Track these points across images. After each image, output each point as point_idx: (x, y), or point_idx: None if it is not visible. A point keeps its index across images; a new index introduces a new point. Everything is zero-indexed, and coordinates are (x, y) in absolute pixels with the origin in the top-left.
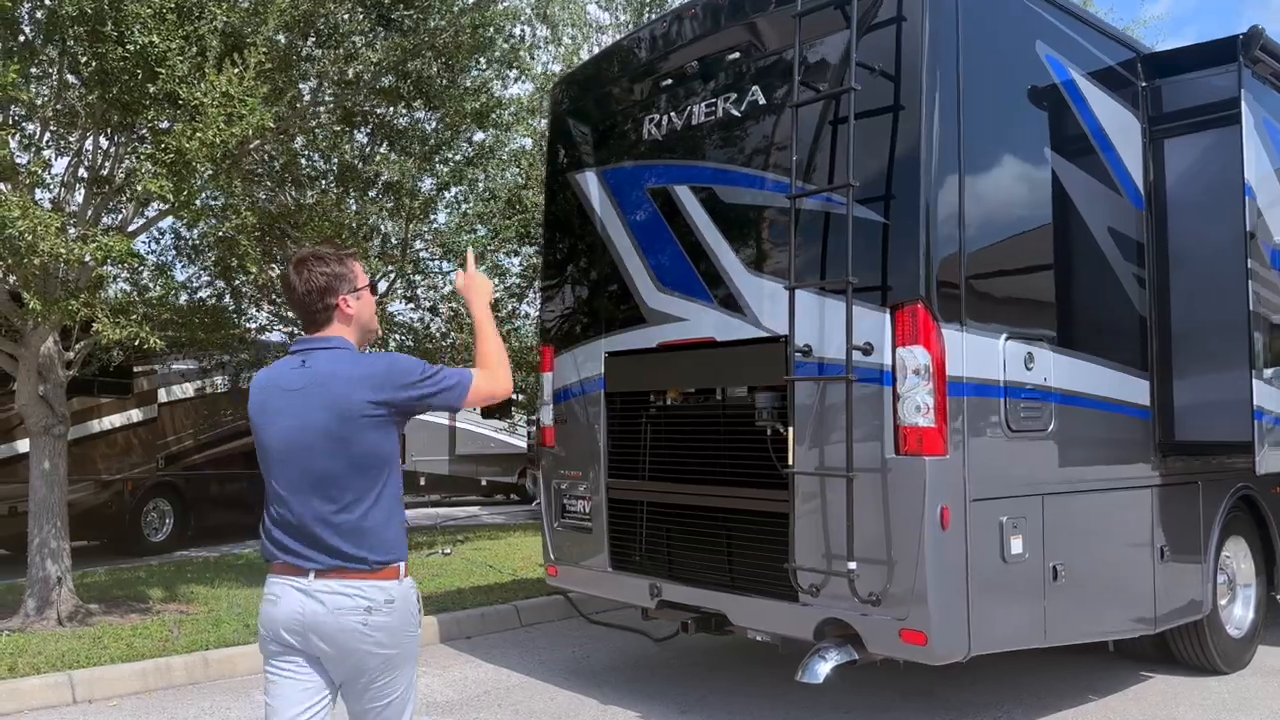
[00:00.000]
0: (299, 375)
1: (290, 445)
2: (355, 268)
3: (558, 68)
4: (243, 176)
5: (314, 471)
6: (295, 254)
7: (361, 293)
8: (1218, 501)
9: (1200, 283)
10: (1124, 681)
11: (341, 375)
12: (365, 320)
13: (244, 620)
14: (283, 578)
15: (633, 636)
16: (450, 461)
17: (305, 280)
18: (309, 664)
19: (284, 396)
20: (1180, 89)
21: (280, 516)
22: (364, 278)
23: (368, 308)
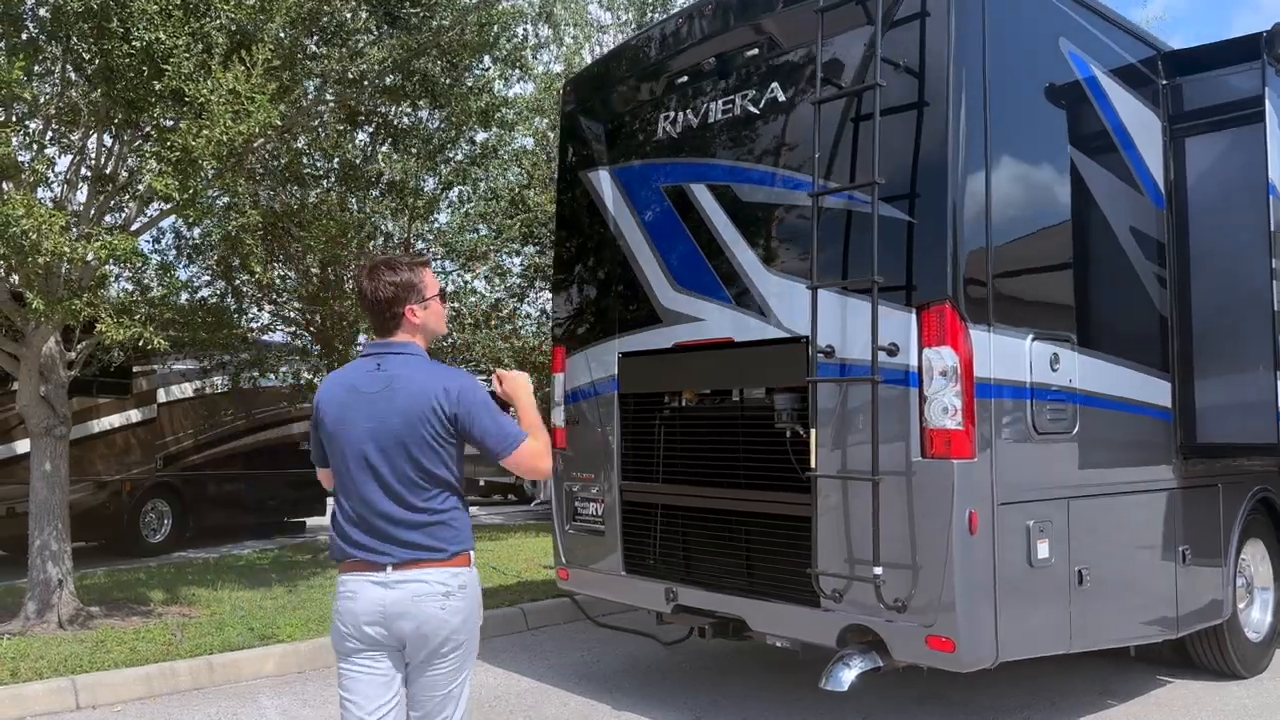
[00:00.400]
0: (375, 378)
1: (367, 446)
2: (424, 277)
3: (559, 68)
4: (246, 175)
5: (390, 470)
6: (369, 261)
7: (429, 302)
8: (1237, 504)
9: (1222, 283)
10: (1142, 686)
11: (418, 381)
12: (432, 328)
13: (248, 624)
14: (357, 574)
15: (641, 640)
16: None
17: (374, 289)
18: (387, 658)
19: (361, 398)
20: (1201, 87)
21: (355, 514)
22: (433, 287)
23: (434, 316)
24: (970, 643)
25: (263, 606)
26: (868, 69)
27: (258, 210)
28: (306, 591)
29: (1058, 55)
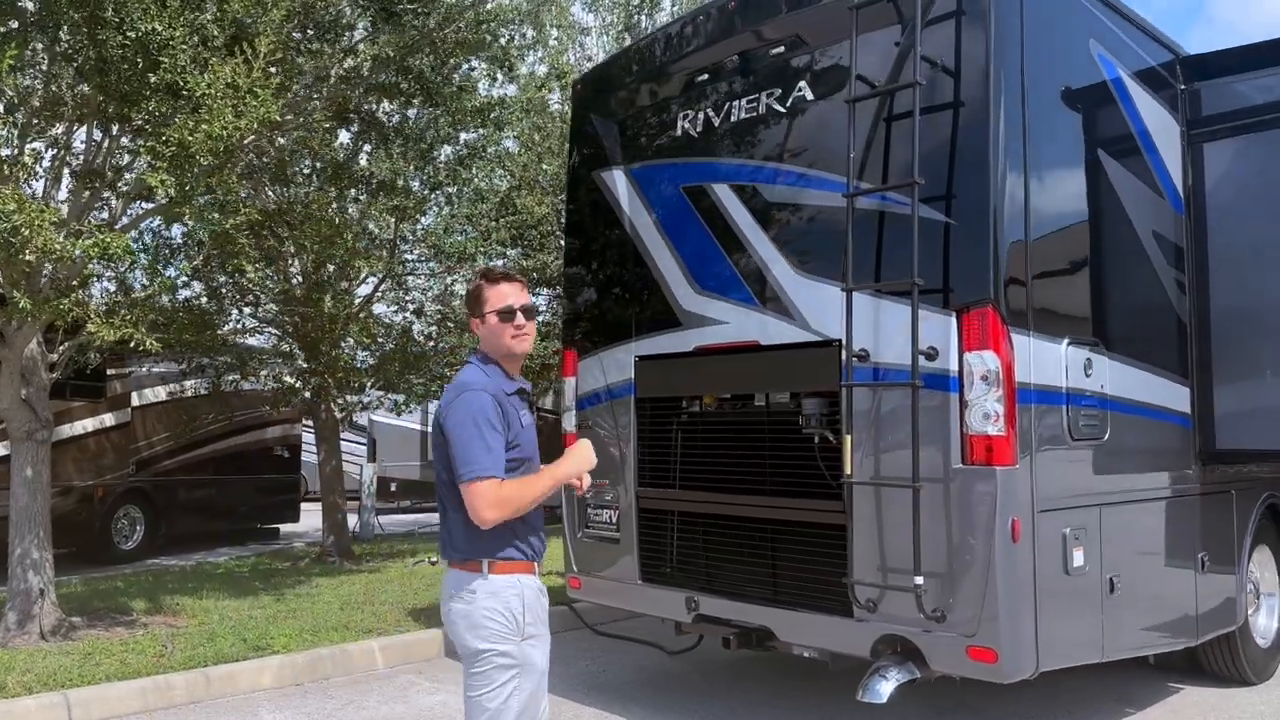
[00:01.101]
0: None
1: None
2: (487, 292)
3: (543, 69)
4: (238, 173)
5: (442, 475)
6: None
7: (487, 317)
8: (1249, 510)
9: (1241, 289)
10: (1156, 693)
11: (447, 391)
12: (490, 342)
13: (239, 634)
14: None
15: (646, 649)
16: (422, 466)
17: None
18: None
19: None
20: (1221, 92)
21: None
22: (493, 302)
23: (487, 331)
24: (1012, 653)
25: (252, 616)
26: (899, 68)
27: (255, 208)
28: (295, 600)
29: (1088, 57)
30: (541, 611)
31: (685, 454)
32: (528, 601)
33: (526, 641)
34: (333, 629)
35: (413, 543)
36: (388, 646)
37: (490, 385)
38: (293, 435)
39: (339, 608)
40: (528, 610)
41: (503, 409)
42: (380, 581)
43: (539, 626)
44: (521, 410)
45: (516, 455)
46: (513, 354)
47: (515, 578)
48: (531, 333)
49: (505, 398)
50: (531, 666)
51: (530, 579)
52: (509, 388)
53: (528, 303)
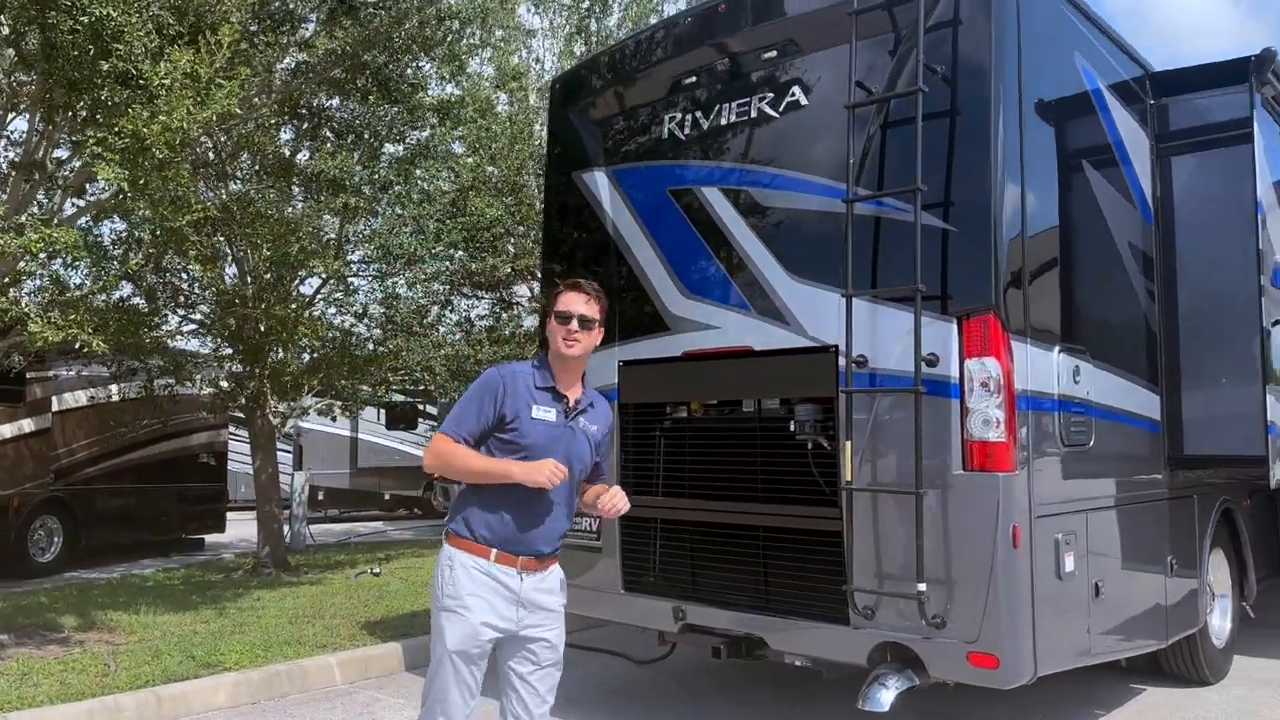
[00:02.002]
0: None
1: None
2: (560, 298)
3: (489, 70)
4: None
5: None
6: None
7: (550, 318)
8: (1208, 515)
9: (1207, 298)
10: (1121, 695)
11: None
12: (549, 340)
13: (186, 651)
14: None
15: (613, 658)
16: (351, 475)
17: None
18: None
19: None
20: (1187, 108)
21: None
22: (559, 305)
23: (550, 330)
24: (1013, 659)
25: (196, 631)
26: (896, 74)
27: (210, 205)
28: (239, 614)
29: (1074, 70)
30: (471, 588)
31: (672, 461)
32: (454, 574)
33: (441, 612)
34: (285, 644)
35: (349, 553)
36: (345, 662)
37: (518, 371)
38: (219, 442)
39: (288, 622)
40: (447, 583)
41: (507, 391)
42: (326, 594)
43: (455, 603)
44: (540, 406)
45: (514, 441)
46: (560, 354)
47: (451, 551)
48: (584, 340)
49: (528, 388)
50: (439, 633)
51: (466, 557)
52: (540, 383)
53: (585, 313)
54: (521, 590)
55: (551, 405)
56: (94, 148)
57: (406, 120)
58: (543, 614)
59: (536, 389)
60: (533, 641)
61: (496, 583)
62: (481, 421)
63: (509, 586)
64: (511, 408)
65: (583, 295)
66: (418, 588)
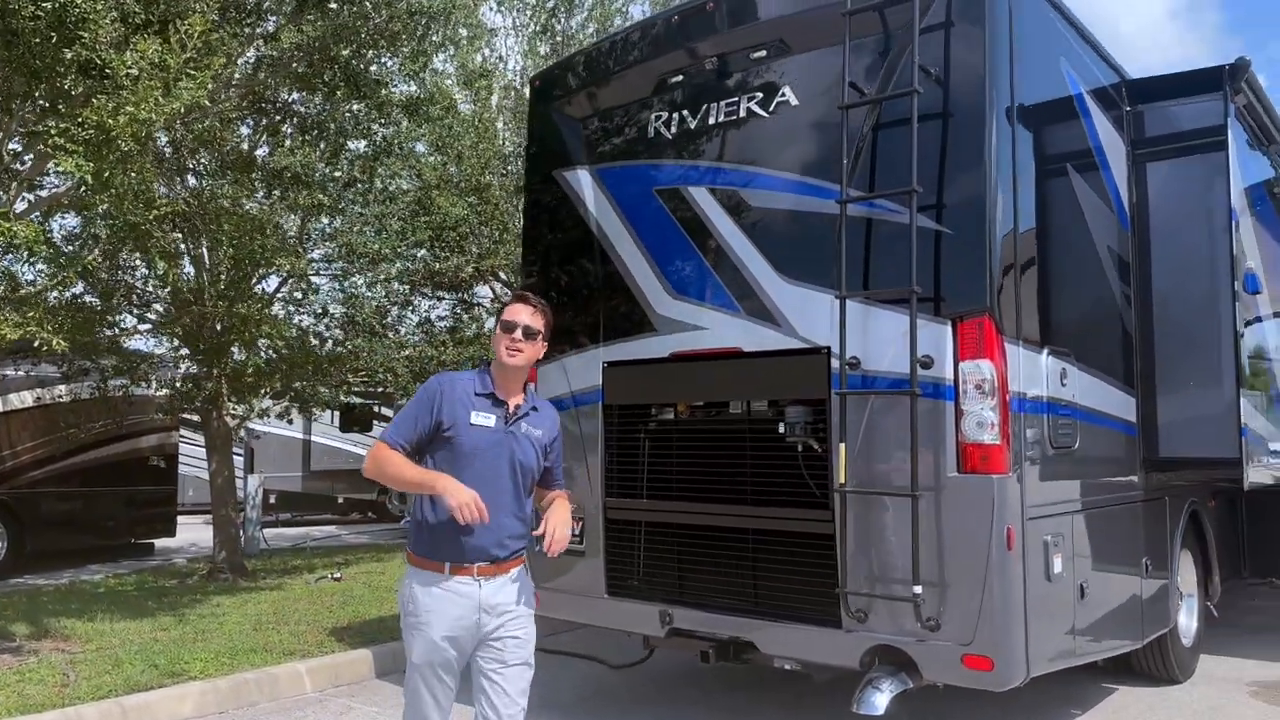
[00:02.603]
0: None
1: None
2: (506, 309)
3: (452, 67)
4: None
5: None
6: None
7: (497, 326)
8: (1178, 516)
9: (1181, 303)
10: (1095, 695)
11: None
12: (495, 349)
13: (148, 659)
14: None
15: (589, 663)
16: (304, 478)
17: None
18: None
19: None
20: (1162, 115)
21: None
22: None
23: (494, 338)
24: (1007, 661)
25: (156, 639)
26: (889, 75)
27: (176, 201)
28: (199, 621)
29: (1059, 74)
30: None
31: (659, 463)
32: (413, 592)
33: (406, 629)
34: (251, 651)
35: (305, 558)
36: (315, 669)
37: (458, 378)
38: (169, 444)
39: (252, 628)
40: (408, 600)
41: (444, 398)
42: (287, 600)
43: (415, 619)
44: (478, 412)
45: (453, 448)
46: (501, 362)
47: (410, 569)
48: (526, 350)
49: (467, 394)
50: (407, 649)
51: (423, 574)
52: (480, 389)
53: (529, 324)
54: (482, 597)
55: (491, 411)
56: (56, 139)
57: (374, 117)
58: (508, 615)
59: (476, 395)
60: (499, 641)
61: (454, 594)
62: (419, 429)
63: (468, 596)
64: (449, 415)
65: (529, 307)
66: (382, 593)
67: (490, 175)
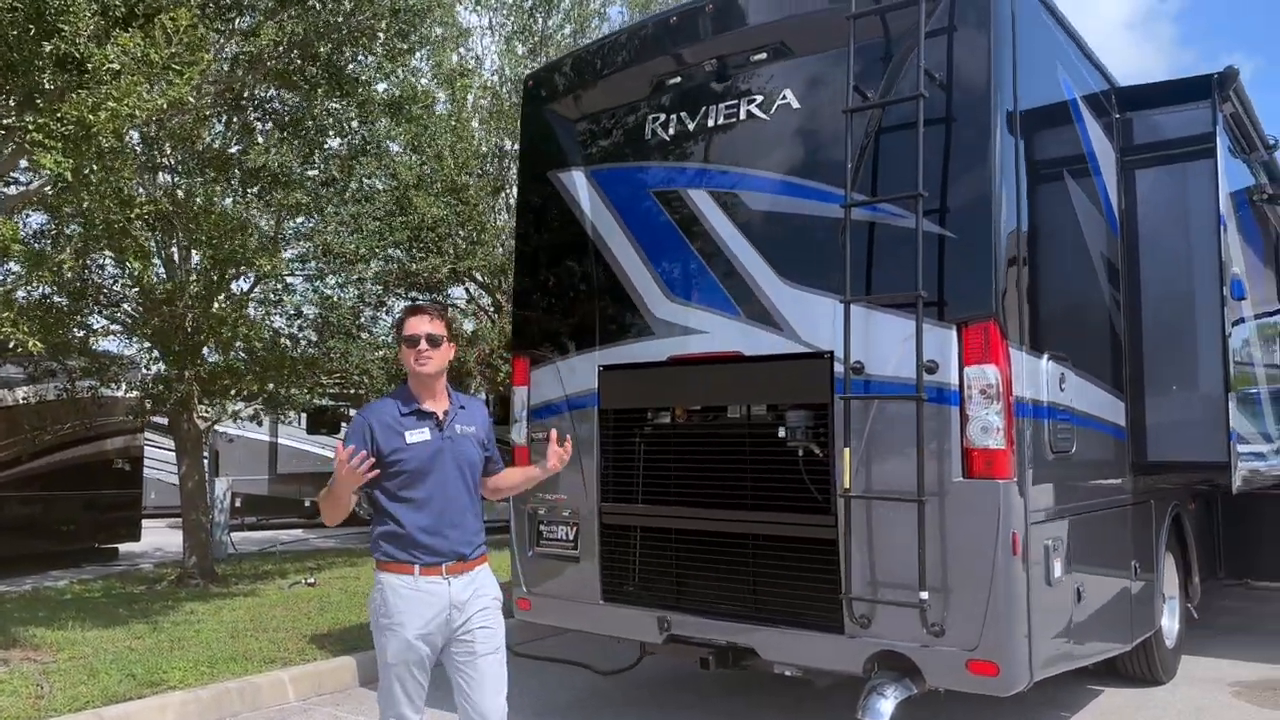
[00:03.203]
0: None
1: None
2: (404, 325)
3: (426, 66)
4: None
5: None
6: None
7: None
8: (1162, 519)
9: (1170, 308)
10: (1082, 697)
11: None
12: (406, 365)
13: (124, 668)
14: None
15: (578, 669)
16: (270, 481)
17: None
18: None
19: None
20: (1151, 122)
21: None
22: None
23: (401, 356)
24: (1012, 666)
25: (131, 648)
26: (892, 80)
27: (162, 200)
28: (174, 629)
29: (1056, 80)
30: (401, 605)
31: (656, 467)
32: (385, 596)
33: (379, 632)
34: (231, 660)
35: (276, 562)
36: (298, 677)
37: (381, 407)
38: (134, 447)
39: (229, 636)
40: (379, 605)
41: (374, 430)
42: (263, 606)
43: (388, 621)
44: (412, 430)
45: (400, 469)
46: (415, 374)
47: (380, 576)
48: (435, 357)
49: (395, 419)
50: (381, 651)
51: (393, 578)
52: (404, 409)
53: (431, 331)
54: (451, 595)
55: (421, 424)
56: (34, 134)
57: (356, 115)
58: (476, 608)
59: (402, 416)
60: (468, 634)
61: (426, 594)
62: (382, 460)
63: (438, 595)
64: (386, 443)
65: (425, 316)
66: (359, 598)
67: (467, 175)
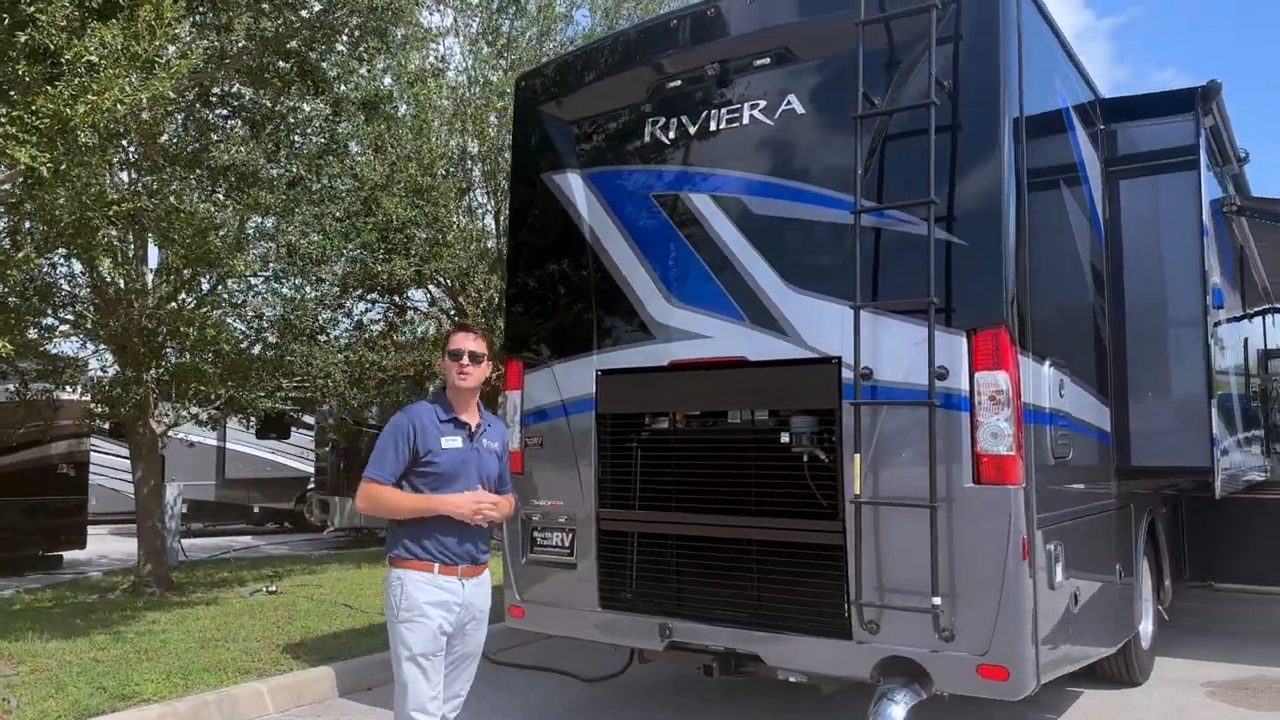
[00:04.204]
0: None
1: None
2: (450, 339)
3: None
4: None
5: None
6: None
7: (444, 356)
8: (1141, 523)
9: (1153, 316)
10: (1063, 699)
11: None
12: (446, 376)
13: (94, 681)
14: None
15: (561, 677)
16: (218, 486)
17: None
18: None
19: None
20: (1135, 134)
21: None
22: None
23: (444, 367)
24: (1021, 670)
25: (97, 659)
26: (900, 86)
27: (133, 198)
28: (138, 639)
29: (1053, 90)
30: (424, 597)
31: (657, 473)
32: (406, 591)
33: (401, 625)
34: (204, 670)
35: (232, 570)
36: (277, 688)
37: (422, 410)
38: (80, 452)
39: (198, 646)
40: (401, 599)
41: (417, 431)
42: (227, 615)
43: (412, 613)
44: (448, 436)
45: (432, 470)
46: (455, 387)
47: (399, 572)
48: (474, 373)
49: (434, 423)
50: (402, 643)
51: (414, 574)
52: (443, 416)
53: (474, 349)
54: (464, 594)
55: (456, 433)
56: (7, 128)
57: (328, 114)
58: (478, 610)
59: (441, 422)
60: (462, 634)
61: (443, 591)
62: (400, 461)
63: (453, 592)
64: (424, 444)
65: (470, 334)
66: (327, 607)
67: (432, 177)
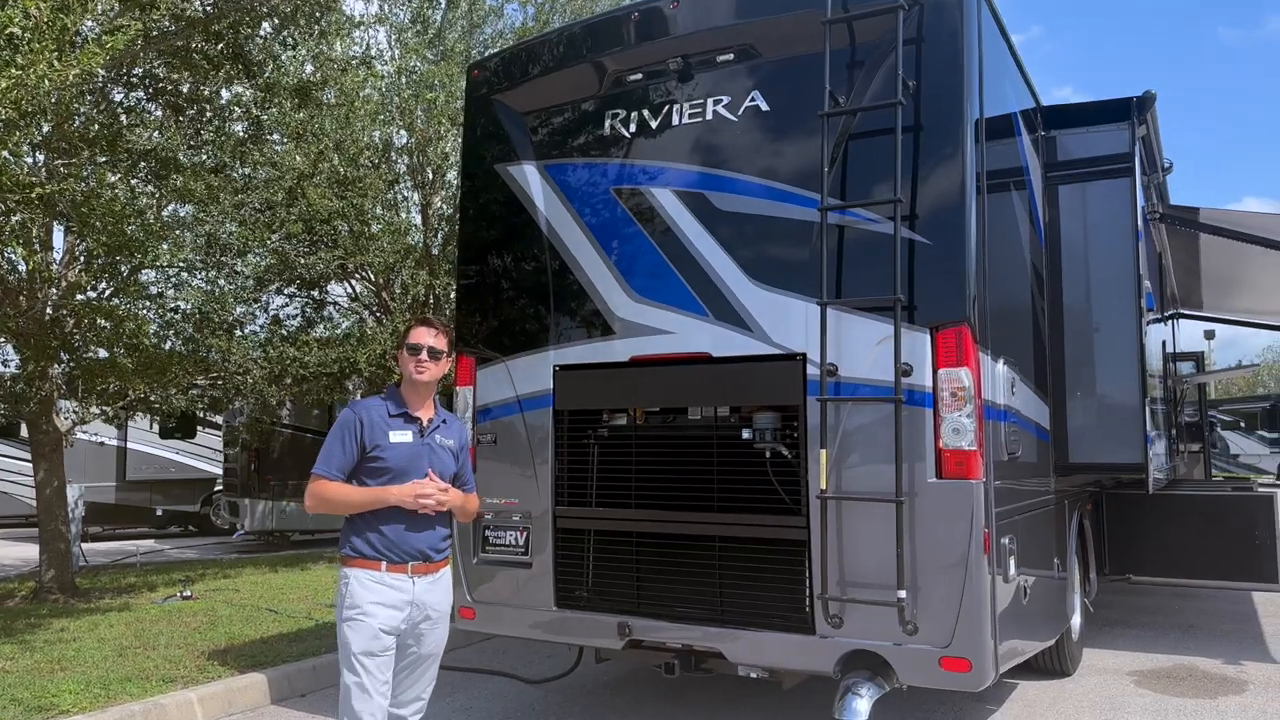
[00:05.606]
0: None
1: None
2: (410, 333)
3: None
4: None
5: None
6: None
7: (402, 350)
8: (1073, 519)
9: (1089, 317)
10: (1002, 691)
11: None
12: (401, 369)
13: (6, 694)
14: None
15: (504, 679)
16: (119, 488)
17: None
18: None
19: None
20: (1073, 141)
21: None
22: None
23: (401, 360)
24: (983, 661)
25: (7, 670)
26: (865, 85)
27: (53, 184)
28: (48, 648)
29: (1005, 95)
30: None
31: (617, 470)
32: (351, 589)
33: (345, 623)
34: (126, 680)
35: (138, 574)
36: (207, 697)
37: (371, 404)
38: None
39: (116, 654)
40: (346, 597)
41: (364, 425)
42: (142, 622)
43: (354, 612)
44: (396, 430)
45: (380, 466)
46: (411, 381)
47: (347, 570)
48: (432, 368)
49: (383, 418)
50: (346, 643)
51: (361, 572)
52: (393, 410)
53: (433, 345)
54: (415, 593)
55: (406, 428)
56: None
57: (261, 99)
58: (434, 610)
59: (390, 416)
60: (417, 635)
61: (390, 589)
62: (348, 456)
63: (402, 590)
64: (371, 438)
65: (431, 329)
66: (250, 612)
67: (357, 168)
